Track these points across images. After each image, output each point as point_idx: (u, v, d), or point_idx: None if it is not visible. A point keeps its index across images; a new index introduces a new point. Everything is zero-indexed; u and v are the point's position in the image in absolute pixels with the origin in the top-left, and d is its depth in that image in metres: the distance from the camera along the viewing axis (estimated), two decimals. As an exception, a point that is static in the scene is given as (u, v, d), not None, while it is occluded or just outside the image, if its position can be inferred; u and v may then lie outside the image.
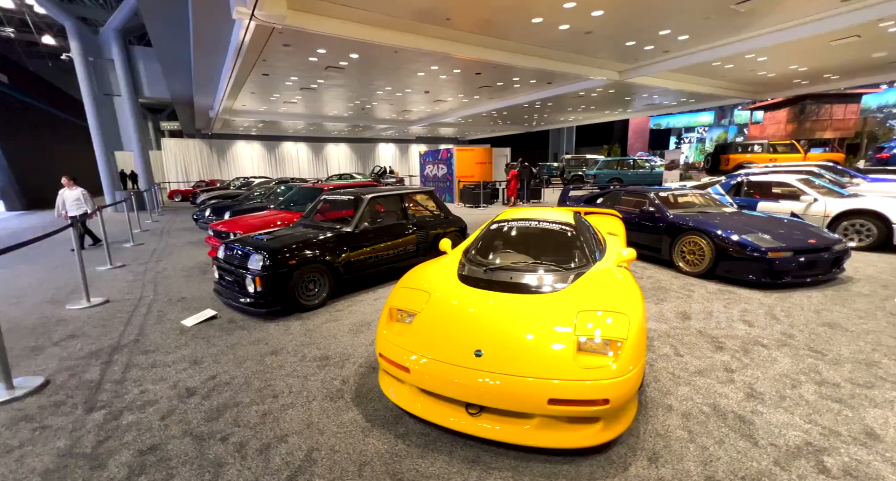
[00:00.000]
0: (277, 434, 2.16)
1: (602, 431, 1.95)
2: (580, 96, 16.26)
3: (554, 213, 3.53)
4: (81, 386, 2.71)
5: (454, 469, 1.90)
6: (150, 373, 2.86)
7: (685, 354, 3.00)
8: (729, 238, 4.65)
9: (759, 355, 2.96)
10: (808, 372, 2.71)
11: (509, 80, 12.32)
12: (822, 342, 3.15)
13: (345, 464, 1.93)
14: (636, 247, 5.86)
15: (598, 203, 6.91)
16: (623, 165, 20.23)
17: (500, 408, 1.99)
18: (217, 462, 1.96)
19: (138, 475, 1.88)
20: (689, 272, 5.07)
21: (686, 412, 2.31)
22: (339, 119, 20.63)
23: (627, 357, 2.02)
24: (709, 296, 4.26)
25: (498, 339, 2.18)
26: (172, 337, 3.51)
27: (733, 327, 3.47)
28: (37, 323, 3.98)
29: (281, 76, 10.70)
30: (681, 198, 6.18)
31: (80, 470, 1.92)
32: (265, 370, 2.88)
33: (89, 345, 3.40)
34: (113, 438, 2.15)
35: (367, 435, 2.15)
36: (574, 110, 20.81)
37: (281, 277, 3.81)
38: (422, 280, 2.88)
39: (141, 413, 2.38)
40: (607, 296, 2.44)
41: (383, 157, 30.45)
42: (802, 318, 3.62)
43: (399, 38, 7.58)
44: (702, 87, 14.65)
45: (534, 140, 35.84)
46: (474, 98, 15.22)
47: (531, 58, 9.65)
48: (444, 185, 15.76)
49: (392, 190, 5.31)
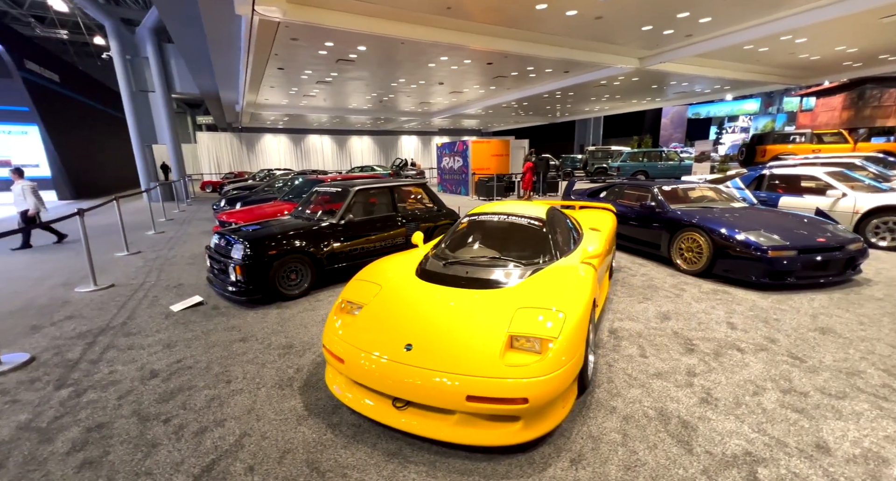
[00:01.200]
0: (217, 418, 2.26)
1: (522, 430, 1.91)
2: (602, 85, 15.66)
3: (527, 208, 3.45)
4: (61, 364, 2.93)
5: (373, 461, 1.92)
6: (125, 355, 3.05)
7: (650, 356, 2.88)
8: (727, 234, 4.38)
9: (731, 359, 2.80)
10: (778, 380, 2.53)
11: (524, 70, 12.02)
12: (806, 348, 2.93)
13: (269, 451, 1.99)
14: (636, 243, 5.66)
15: (602, 196, 6.67)
16: (650, 157, 19.33)
17: (423, 403, 1.98)
18: (152, 442, 2.07)
19: (78, 451, 2.01)
20: (687, 270, 4.83)
21: (628, 415, 2.22)
22: (361, 111, 20.85)
23: (555, 357, 1.96)
24: (700, 297, 4.05)
25: (430, 334, 2.17)
26: (157, 321, 3.72)
27: (713, 329, 3.29)
28: (46, 303, 4.31)
29: (295, 70, 10.92)
30: (688, 192, 5.87)
31: (29, 443, 2.09)
32: (229, 356, 3.00)
33: (82, 326, 3.65)
34: (69, 415, 2.31)
35: (300, 423, 2.20)
36: (598, 100, 20.08)
37: (261, 266, 3.93)
38: (377, 273, 2.90)
39: (103, 392, 2.54)
40: (553, 294, 2.37)
41: (406, 149, 30.60)
42: (794, 322, 3.38)
43: (403, 29, 7.54)
44: (736, 73, 13.73)
45: (559, 131, 34.94)
46: (490, 89, 14.97)
47: (543, 46, 9.36)
48: (460, 178, 15.68)
49: (381, 182, 5.34)
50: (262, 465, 1.89)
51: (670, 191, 5.65)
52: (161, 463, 1.91)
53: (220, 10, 6.55)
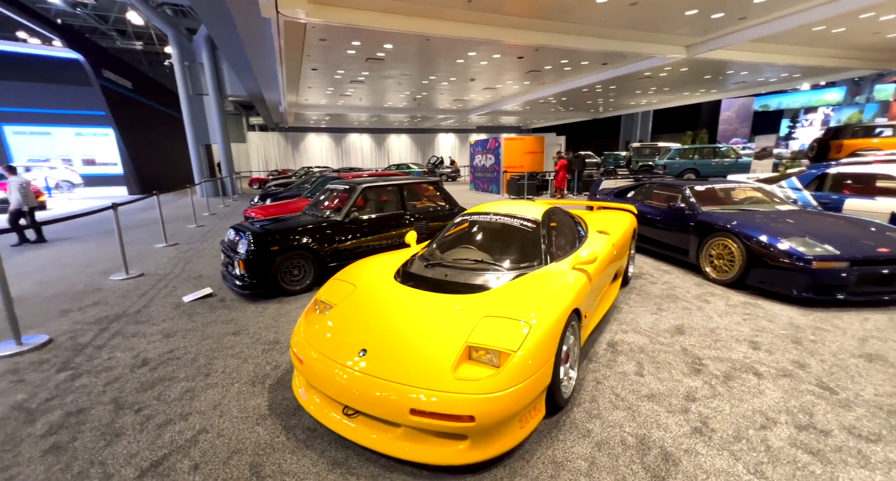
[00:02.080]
0: (184, 412, 2.30)
1: (469, 451, 1.76)
2: (646, 77, 14.71)
3: (524, 208, 3.24)
4: (70, 348, 3.15)
5: (315, 469, 1.86)
6: (127, 342, 3.22)
7: (648, 374, 2.59)
8: (762, 241, 3.88)
9: (743, 385, 2.44)
10: (795, 413, 2.17)
11: (557, 64, 11.52)
12: (843, 377, 2.50)
13: (219, 450, 1.99)
14: (663, 248, 5.21)
15: (629, 196, 6.21)
16: (702, 154, 17.83)
17: (370, 413, 1.88)
18: (118, 431, 2.14)
19: (52, 434, 2.13)
20: (717, 279, 4.35)
21: (603, 441, 1.99)
22: (398, 110, 21.10)
23: (510, 372, 1.79)
24: (725, 310, 3.62)
25: (387, 340, 2.07)
26: (166, 310, 3.92)
27: (730, 348, 2.91)
28: (81, 289, 4.70)
29: (328, 70, 11.21)
30: (728, 193, 5.32)
31: (15, 422, 2.23)
32: (218, 349, 3.08)
33: (102, 312, 3.93)
34: (58, 398, 2.46)
35: (258, 423, 2.19)
36: (644, 93, 18.91)
37: (263, 261, 4.02)
38: (356, 273, 2.84)
39: (95, 377, 2.69)
40: (526, 302, 2.18)
41: (443, 147, 30.64)
42: (835, 346, 2.91)
43: (426, 25, 7.45)
44: (806, 59, 12.28)
45: (602, 127, 33.41)
46: (525, 84, 14.54)
47: (575, 37, 8.89)
48: (492, 176, 15.41)
49: (392, 180, 5.30)
50: (207, 464, 1.89)
51: (704, 191, 5.14)
52: (117, 454, 1.97)
53: (250, 13, 6.82)
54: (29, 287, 4.83)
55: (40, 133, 23.61)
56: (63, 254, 6.61)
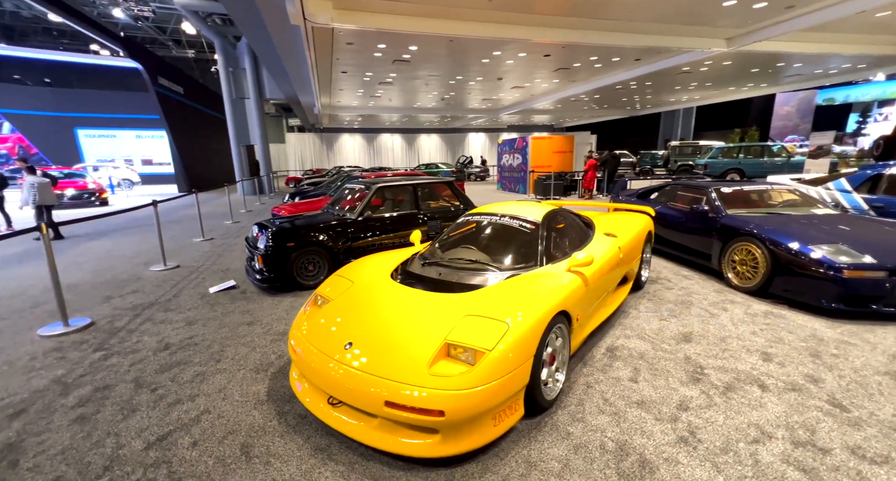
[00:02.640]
0: (193, 393, 2.50)
1: (440, 444, 1.81)
2: (685, 72, 14.03)
3: (526, 209, 3.24)
4: (107, 330, 3.49)
5: (299, 453, 1.98)
6: (155, 328, 3.53)
7: (642, 381, 2.52)
8: (789, 246, 3.64)
9: (744, 397, 2.33)
10: (796, 428, 2.05)
11: (587, 61, 11.22)
12: (859, 395, 2.33)
13: (217, 430, 2.16)
14: (684, 252, 5.00)
15: (652, 198, 5.99)
16: (748, 153, 16.68)
17: (350, 404, 1.98)
18: (134, 407, 2.37)
19: (81, 406, 2.38)
20: (739, 287, 4.13)
21: (582, 444, 1.98)
22: (428, 110, 21.33)
23: (483, 370, 1.83)
24: (742, 319, 3.44)
25: (372, 335, 2.16)
26: (193, 300, 4.23)
27: (738, 359, 2.77)
28: (125, 278, 5.16)
29: (358, 72, 11.54)
30: (759, 195, 5.03)
31: (52, 394, 2.52)
32: (232, 337, 3.31)
33: (139, 299, 4.30)
34: (90, 374, 2.75)
35: (255, 407, 2.35)
36: (684, 89, 18.03)
37: (280, 257, 4.25)
38: (356, 270, 2.96)
39: (123, 358, 2.98)
40: (512, 303, 2.20)
41: (473, 147, 30.61)
42: (859, 361, 2.71)
43: (448, 26, 7.52)
44: (873, 48, 11.26)
45: (640, 125, 32.09)
46: (554, 82, 14.27)
47: (606, 33, 8.63)
48: (519, 175, 15.25)
49: (406, 179, 5.42)
50: (204, 442, 2.06)
51: (731, 193, 4.87)
52: (130, 427, 2.18)
53: (281, 21, 7.17)
54: (83, 275, 5.36)
55: (107, 136, 25.87)
56: (116, 246, 7.26)
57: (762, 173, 15.86)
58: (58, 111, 24.24)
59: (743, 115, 32.41)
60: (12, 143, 25.31)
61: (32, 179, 7.59)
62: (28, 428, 2.20)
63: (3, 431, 2.17)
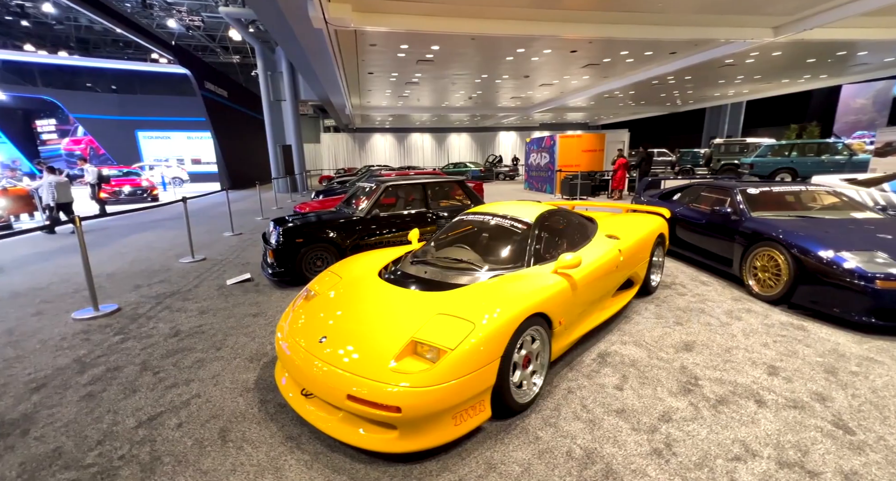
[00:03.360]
0: (189, 378, 2.67)
1: (398, 440, 1.83)
2: (729, 65, 13.18)
3: (521, 209, 3.20)
4: (130, 316, 3.78)
5: (270, 441, 2.06)
6: (171, 315, 3.78)
7: (628, 389, 2.42)
8: (814, 252, 3.35)
9: (736, 411, 2.18)
10: (786, 448, 1.90)
11: (617, 55, 10.80)
12: (871, 417, 2.12)
13: (202, 413, 2.29)
14: (705, 256, 4.73)
15: (675, 199, 5.69)
16: (803, 151, 15.30)
17: (319, 396, 2.04)
18: (136, 388, 2.56)
19: (92, 384, 2.61)
20: (760, 295, 3.85)
21: (548, 449, 1.94)
22: (457, 109, 21.32)
23: (443, 369, 1.84)
24: (756, 330, 3.21)
25: (346, 329, 2.22)
26: (210, 291, 4.50)
27: (740, 371, 2.59)
28: (157, 268, 5.56)
29: (384, 73, 11.74)
30: (793, 196, 4.67)
31: (72, 371, 2.77)
32: (236, 327, 3.49)
33: (164, 288, 4.63)
34: (107, 356, 3.00)
35: (242, 394, 2.47)
36: (729, 83, 16.93)
37: (290, 252, 4.43)
38: (347, 266, 3.04)
39: (137, 342, 3.22)
40: (486, 303, 2.18)
41: (503, 146, 30.31)
42: (880, 381, 2.46)
43: (468, 25, 7.49)
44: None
45: (683, 122, 30.45)
46: (584, 78, 13.84)
47: (630, 26, 8.26)
48: (546, 175, 14.94)
49: (416, 179, 5.47)
50: (188, 424, 2.19)
51: (758, 195, 4.55)
52: (128, 407, 2.36)
53: (306, 25, 7.44)
54: (122, 265, 5.83)
55: (162, 137, 27.96)
56: (157, 239, 7.82)
57: (818, 173, 14.57)
58: (122, 115, 26.47)
59: (801, 109, 29.96)
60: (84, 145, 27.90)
61: (51, 179, 8.25)
62: (44, 401, 2.44)
63: (24, 403, 2.42)
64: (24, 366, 2.88)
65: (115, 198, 15.33)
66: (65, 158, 26.99)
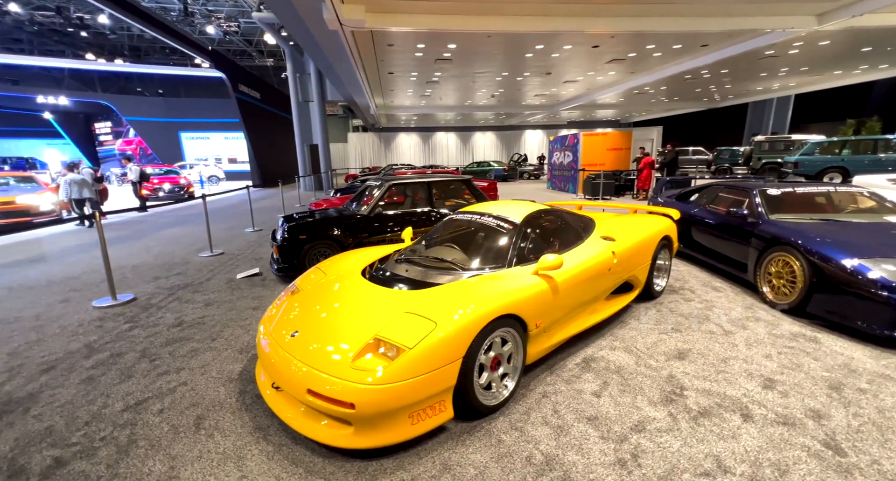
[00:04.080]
0: (181, 366, 2.81)
1: (353, 436, 1.85)
2: (769, 56, 12.37)
3: (510, 209, 3.15)
4: (143, 306, 4.02)
5: (240, 430, 2.13)
6: (179, 306, 3.99)
7: (606, 396, 2.33)
8: (831, 258, 3.09)
9: (718, 425, 2.06)
10: (763, 466, 1.76)
11: (643, 50, 10.36)
12: (870, 440, 1.94)
13: (184, 401, 2.40)
14: (720, 260, 4.48)
15: (692, 200, 5.41)
16: (857, 148, 13.92)
17: (284, 388, 2.09)
18: (131, 373, 2.72)
19: (94, 368, 2.79)
20: (775, 303, 3.59)
21: (507, 454, 1.90)
22: (481, 108, 21.19)
23: (401, 367, 1.84)
24: (761, 340, 3.01)
25: (317, 325, 2.26)
26: (220, 284, 4.70)
27: (732, 383, 2.44)
28: (176, 262, 5.87)
29: (404, 73, 11.83)
30: (817, 198, 4.35)
31: (79, 355, 2.98)
32: (236, 319, 3.63)
33: (179, 281, 4.89)
34: (114, 342, 3.20)
35: (224, 384, 2.57)
36: (772, 75, 15.90)
37: (293, 248, 4.56)
38: (334, 263, 3.09)
39: (143, 330, 3.42)
40: (454, 303, 2.17)
41: (529, 144, 29.85)
42: (890, 401, 2.24)
43: (483, 23, 7.41)
44: None
45: (723, 118, 28.90)
46: (609, 74, 13.38)
47: (654, 19, 7.91)
48: (569, 174, 14.58)
49: (421, 178, 5.48)
50: (169, 410, 2.31)
51: (780, 196, 4.25)
52: (121, 391, 2.51)
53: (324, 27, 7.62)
54: (147, 258, 6.21)
55: (202, 137, 29.52)
56: (184, 234, 8.27)
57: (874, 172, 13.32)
58: (167, 117, 28.16)
59: (859, 103, 27.66)
60: (135, 146, 29.88)
61: (70, 177, 8.73)
62: (50, 382, 2.64)
63: (32, 383, 2.63)
64: (40, 349, 3.12)
65: (156, 195, 16.33)
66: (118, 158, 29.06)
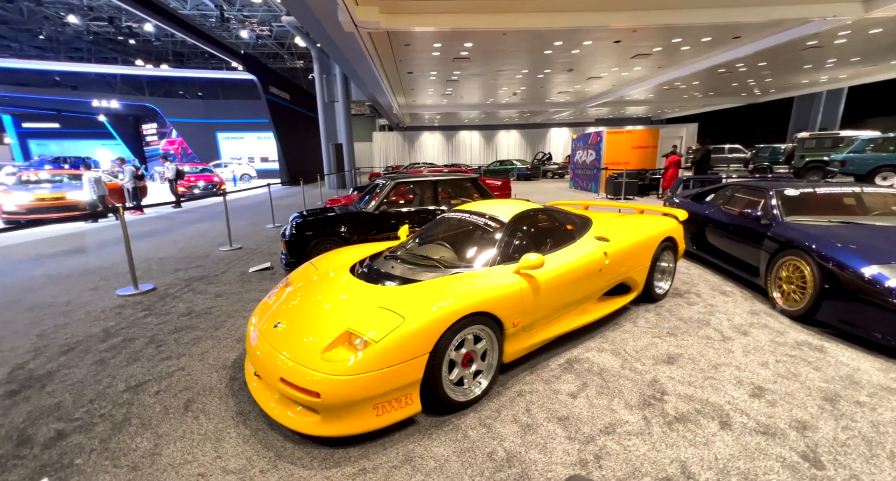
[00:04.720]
0: (182, 353, 2.99)
1: (320, 424, 1.93)
2: (812, 47, 11.61)
3: (500, 208, 3.16)
4: (160, 295, 4.30)
5: (223, 414, 2.26)
6: (192, 297, 4.23)
7: (582, 397, 2.31)
8: (844, 263, 2.91)
9: (692, 431, 2.00)
10: (731, 475, 1.71)
11: (668, 43, 9.96)
12: (855, 455, 1.83)
13: (179, 384, 2.57)
14: (731, 264, 4.29)
15: (706, 201, 5.19)
16: (916, 144, 12.84)
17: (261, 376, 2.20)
18: (137, 357, 2.93)
19: (106, 351, 3.02)
20: (785, 309, 3.41)
21: (471, 448, 1.93)
22: (505, 106, 21.01)
23: (367, 359, 1.91)
24: (761, 347, 2.88)
25: (299, 318, 2.36)
26: (233, 277, 4.95)
27: (718, 390, 2.35)
28: (198, 255, 6.21)
29: (423, 72, 11.92)
30: (840, 199, 4.10)
31: (96, 339, 3.23)
32: (241, 310, 3.82)
33: (197, 273, 5.17)
34: (128, 328, 3.45)
35: (217, 371, 2.72)
36: (818, 67, 14.90)
37: (300, 244, 4.73)
38: (326, 260, 3.20)
39: (155, 318, 3.66)
40: (425, 299, 2.21)
41: (555, 143, 29.31)
42: (889, 415, 2.10)
43: (497, 20, 7.37)
44: None
45: (765, 113, 27.29)
46: (636, 69, 12.95)
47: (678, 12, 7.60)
48: (592, 173, 14.24)
49: (426, 176, 5.54)
50: (164, 393, 2.48)
51: (798, 197, 4.03)
52: (126, 373, 2.71)
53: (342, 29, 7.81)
54: (172, 251, 6.59)
55: (237, 137, 30.87)
56: (210, 229, 8.71)
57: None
58: (205, 118, 29.64)
59: (923, 96, 25.36)
60: (177, 145, 31.67)
61: (89, 175, 9.24)
62: (67, 362, 2.88)
63: (52, 362, 2.88)
64: (65, 332, 3.41)
65: (191, 192, 17.25)
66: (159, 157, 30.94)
